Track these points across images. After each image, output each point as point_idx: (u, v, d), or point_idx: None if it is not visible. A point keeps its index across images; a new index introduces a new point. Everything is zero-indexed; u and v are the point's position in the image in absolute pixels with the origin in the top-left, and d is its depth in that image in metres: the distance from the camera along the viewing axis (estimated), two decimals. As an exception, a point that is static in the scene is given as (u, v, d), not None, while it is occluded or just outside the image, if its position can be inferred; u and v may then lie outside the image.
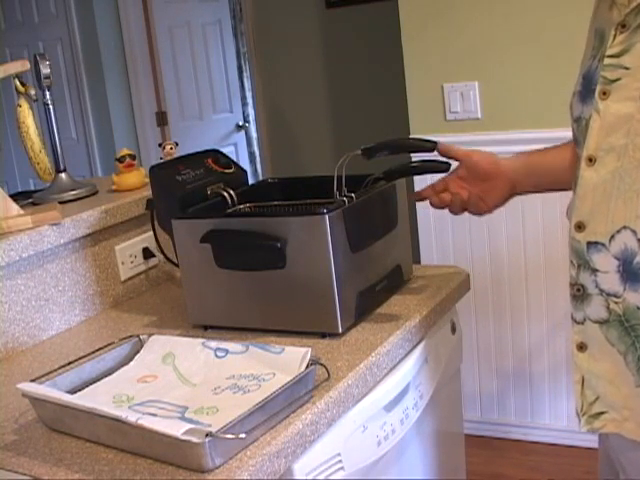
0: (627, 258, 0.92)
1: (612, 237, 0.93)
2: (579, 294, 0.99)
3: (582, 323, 0.99)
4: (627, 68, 0.91)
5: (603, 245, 0.94)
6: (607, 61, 0.93)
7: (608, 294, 0.95)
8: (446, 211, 1.24)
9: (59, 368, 1.11)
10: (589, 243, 0.96)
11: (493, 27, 2.29)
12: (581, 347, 1.00)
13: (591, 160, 0.94)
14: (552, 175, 1.19)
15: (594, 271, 0.96)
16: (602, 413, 1.00)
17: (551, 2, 2.19)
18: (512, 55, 2.28)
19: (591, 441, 1.12)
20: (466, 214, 1.24)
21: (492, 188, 1.20)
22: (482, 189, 1.20)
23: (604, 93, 0.93)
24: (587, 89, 0.98)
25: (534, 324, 2.45)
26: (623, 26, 0.91)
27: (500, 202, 1.22)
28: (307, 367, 1.01)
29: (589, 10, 1.05)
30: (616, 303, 0.94)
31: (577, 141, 1.02)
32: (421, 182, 2.44)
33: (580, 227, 0.97)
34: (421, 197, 1.27)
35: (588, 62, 1.00)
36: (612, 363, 0.97)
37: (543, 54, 2.24)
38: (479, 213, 1.23)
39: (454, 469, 1.49)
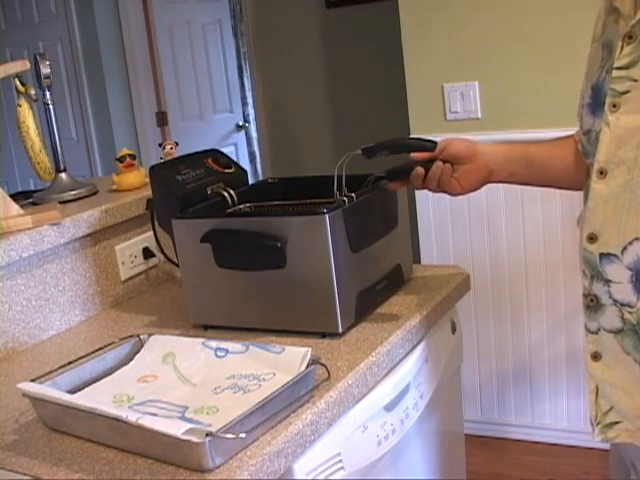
0: None
1: (624, 248, 0.93)
2: (592, 304, 0.99)
3: (596, 333, 1.00)
4: (635, 80, 0.91)
5: (616, 256, 0.94)
6: (615, 73, 0.92)
7: (622, 304, 0.95)
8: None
9: (59, 368, 1.10)
10: (602, 254, 0.96)
11: (493, 27, 2.29)
12: (595, 356, 1.00)
13: (602, 173, 0.95)
14: (532, 168, 1.17)
15: (607, 282, 0.96)
16: (616, 423, 1.00)
17: (551, 2, 2.19)
18: (512, 55, 2.28)
19: (591, 441, 1.12)
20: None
21: (467, 171, 1.17)
22: (457, 172, 1.17)
23: (614, 106, 0.92)
24: (596, 101, 0.97)
25: (534, 324, 2.45)
26: (630, 37, 0.91)
27: (475, 186, 1.19)
28: (307, 367, 1.01)
29: (589, 10, 1.05)
30: (630, 313, 0.95)
31: (587, 153, 1.02)
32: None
33: (592, 239, 0.97)
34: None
35: (596, 73, 1.00)
36: (627, 371, 0.97)
37: (543, 54, 2.23)
38: (452, 193, 1.19)
39: (454, 469, 1.49)
